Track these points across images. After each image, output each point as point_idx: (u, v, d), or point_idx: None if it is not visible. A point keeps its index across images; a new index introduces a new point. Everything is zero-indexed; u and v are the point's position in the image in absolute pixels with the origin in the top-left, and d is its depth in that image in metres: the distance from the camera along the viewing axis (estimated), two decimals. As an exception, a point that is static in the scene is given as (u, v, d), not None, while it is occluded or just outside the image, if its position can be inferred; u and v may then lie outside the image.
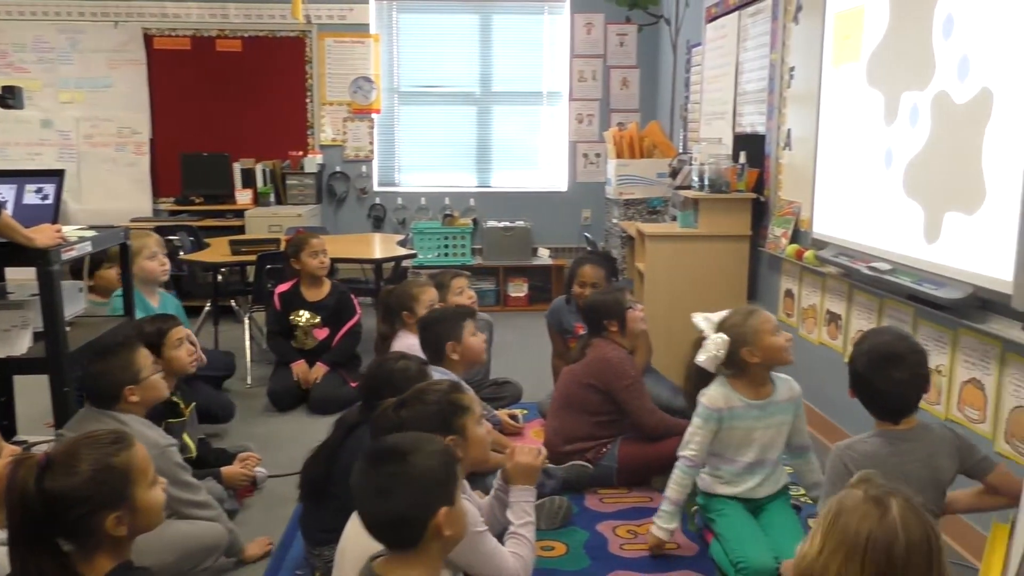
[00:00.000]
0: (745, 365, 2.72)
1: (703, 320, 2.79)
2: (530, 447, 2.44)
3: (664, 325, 4.38)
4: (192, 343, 3.19)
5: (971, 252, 2.68)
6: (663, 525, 2.81)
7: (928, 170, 2.94)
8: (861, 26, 3.41)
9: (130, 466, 1.70)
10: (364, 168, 7.42)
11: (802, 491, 3.22)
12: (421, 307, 3.68)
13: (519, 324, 6.16)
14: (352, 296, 4.70)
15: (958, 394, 2.89)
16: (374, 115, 7.37)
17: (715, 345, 2.71)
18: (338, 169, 7.38)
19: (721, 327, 2.74)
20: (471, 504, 2.26)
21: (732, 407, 2.73)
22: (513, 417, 3.97)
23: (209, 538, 2.58)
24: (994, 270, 2.55)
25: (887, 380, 2.23)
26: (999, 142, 2.53)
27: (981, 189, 2.61)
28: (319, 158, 7.19)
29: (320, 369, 4.45)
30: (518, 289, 6.99)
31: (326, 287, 4.62)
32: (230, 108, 7.17)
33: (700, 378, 2.79)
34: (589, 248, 6.36)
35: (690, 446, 2.76)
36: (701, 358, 2.74)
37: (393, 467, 1.67)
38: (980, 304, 2.66)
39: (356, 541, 2.07)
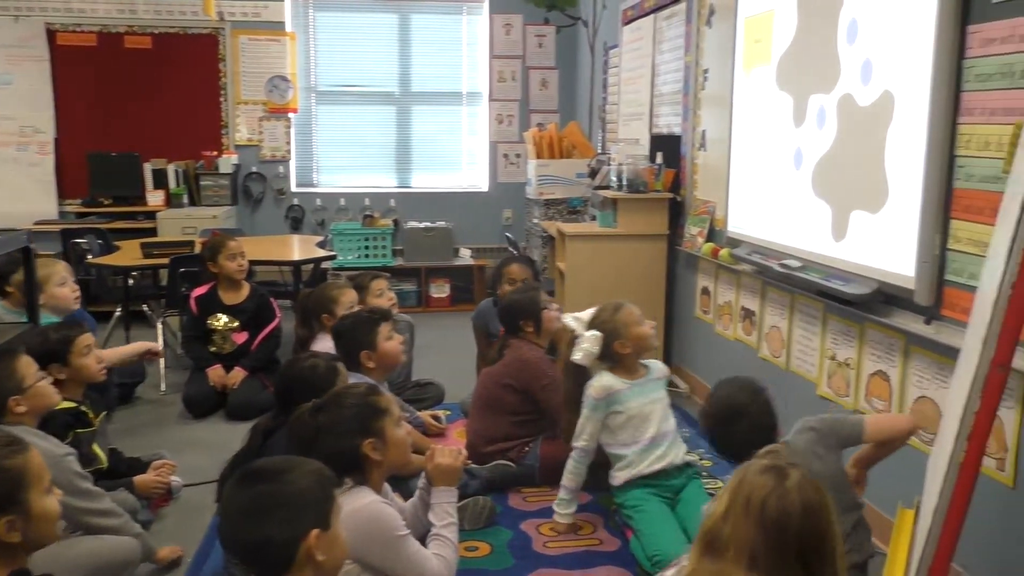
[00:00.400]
0: (619, 356, 2.95)
1: (573, 320, 3.00)
2: (450, 448, 2.44)
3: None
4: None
5: (876, 249, 2.78)
6: (562, 511, 2.99)
7: (835, 170, 3.04)
8: (771, 30, 3.51)
9: (24, 470, 1.65)
10: (281, 168, 7.29)
11: (719, 483, 3.30)
12: (341, 309, 3.64)
13: (441, 325, 6.14)
14: (272, 299, 4.61)
15: (865, 386, 3.00)
16: (291, 115, 7.24)
17: (590, 342, 2.90)
18: (254, 169, 7.23)
19: (592, 325, 2.95)
20: (392, 507, 2.25)
21: (616, 391, 2.92)
22: (436, 418, 3.95)
23: (121, 554, 2.49)
24: (897, 266, 2.65)
25: (733, 434, 2.32)
26: (900, 143, 2.64)
27: (884, 189, 2.71)
28: (234, 158, 7.03)
29: (238, 374, 4.35)
30: (440, 290, 6.97)
31: (245, 290, 4.52)
32: (140, 107, 6.93)
33: (577, 375, 2.99)
34: (511, 248, 6.38)
35: (582, 437, 2.95)
36: (577, 356, 2.92)
37: (264, 486, 1.60)
38: (885, 299, 2.77)
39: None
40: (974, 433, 1.49)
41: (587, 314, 3.00)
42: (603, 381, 2.94)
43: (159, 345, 3.58)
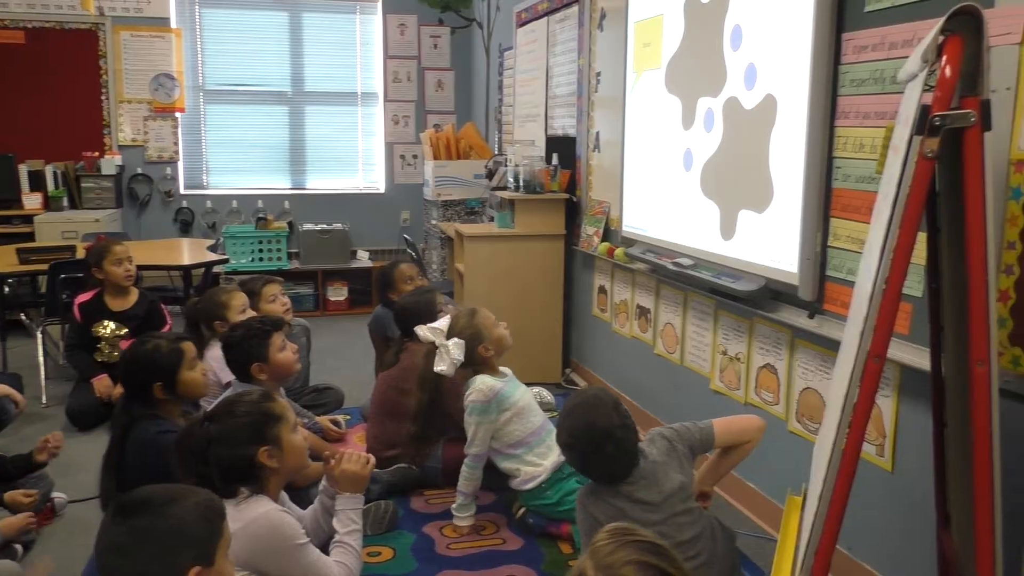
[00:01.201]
0: (482, 359, 2.98)
1: (429, 332, 2.99)
2: (359, 455, 2.41)
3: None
4: None
5: (762, 247, 2.89)
6: (462, 515, 3.02)
7: (723, 171, 3.15)
8: (660, 35, 3.60)
9: None
10: (169, 170, 7.04)
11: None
12: (233, 313, 3.54)
13: (339, 328, 6.05)
14: (162, 305, 4.45)
15: (755, 379, 3.12)
16: (178, 114, 7.00)
17: (455, 350, 2.91)
18: (140, 171, 6.95)
19: (452, 333, 2.96)
20: (291, 515, 2.21)
21: (499, 389, 2.97)
22: (335, 423, 3.89)
23: None
24: (783, 263, 2.77)
25: (601, 459, 2.24)
26: (783, 145, 2.75)
27: (769, 189, 2.82)
28: (118, 159, 6.74)
29: (125, 384, 4.17)
30: (338, 293, 6.87)
31: (133, 296, 4.35)
32: (13, 105, 6.57)
33: (432, 389, 3.02)
34: (409, 250, 6.35)
35: (474, 444, 2.98)
36: (443, 367, 2.92)
37: (140, 520, 1.50)
38: (772, 295, 2.88)
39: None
40: (854, 421, 1.57)
41: (442, 324, 3.01)
42: (485, 383, 2.96)
43: (22, 399, 3.35)
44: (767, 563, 2.69)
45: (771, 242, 2.84)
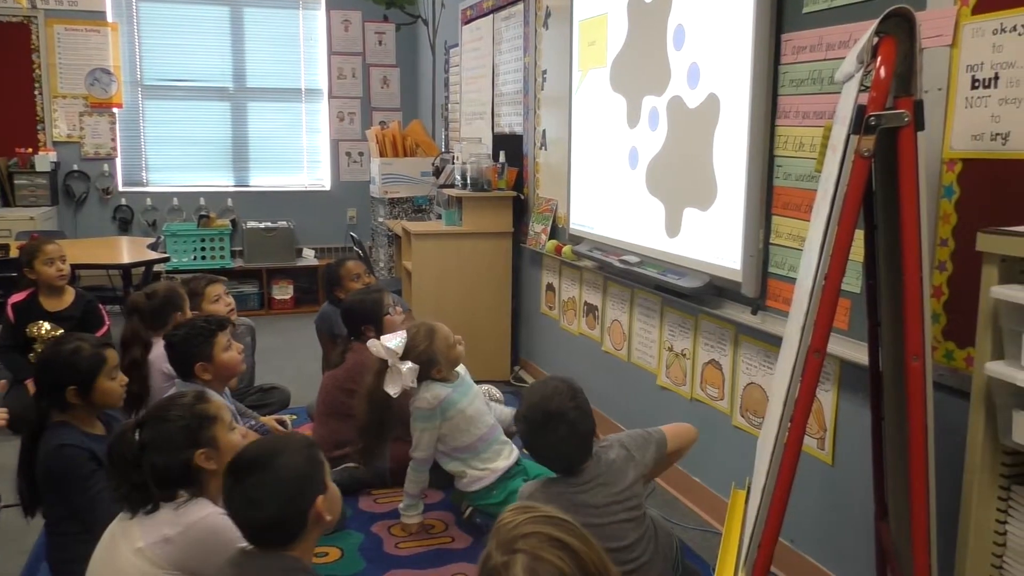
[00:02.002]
0: (436, 372, 2.91)
1: (384, 350, 2.86)
2: None
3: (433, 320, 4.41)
4: None
5: (707, 244, 2.93)
6: (410, 514, 3.01)
7: (668, 170, 3.18)
8: (604, 34, 3.62)
9: None
10: (106, 167, 6.87)
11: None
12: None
13: (285, 327, 5.97)
14: (100, 305, 4.34)
15: (700, 375, 3.16)
16: (115, 110, 6.83)
17: (407, 376, 2.83)
18: (76, 168, 6.77)
19: (407, 355, 2.86)
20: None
21: (445, 396, 2.92)
22: (282, 423, 3.83)
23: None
24: (726, 260, 2.81)
25: (551, 440, 2.22)
26: (726, 144, 2.79)
27: (713, 187, 2.86)
28: (52, 156, 6.56)
29: (62, 386, 4.05)
30: (283, 292, 6.78)
31: (69, 296, 4.23)
32: (-60, 100, 6.36)
33: (381, 404, 2.88)
34: (356, 248, 6.29)
35: (419, 448, 2.96)
36: (394, 390, 2.82)
37: (257, 476, 1.70)
38: (716, 292, 2.92)
39: (106, 567, 1.93)
40: (795, 415, 1.60)
41: (396, 343, 2.86)
42: (432, 391, 2.91)
43: None
44: (712, 556, 2.73)
45: (715, 239, 2.87)
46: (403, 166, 6.09)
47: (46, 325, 4.14)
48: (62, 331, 4.15)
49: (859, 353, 2.19)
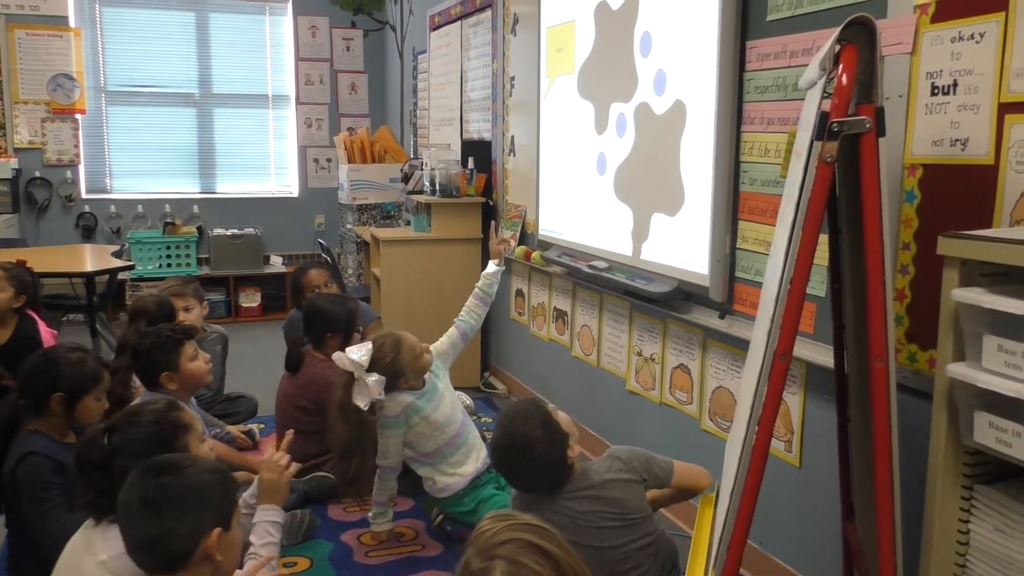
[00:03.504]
0: (403, 383, 2.88)
1: (349, 362, 2.77)
2: (276, 463, 2.30)
3: (402, 328, 4.39)
4: None
5: (675, 250, 2.95)
6: (379, 522, 2.98)
7: (635, 175, 3.20)
8: (572, 40, 3.64)
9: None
10: (69, 174, 6.76)
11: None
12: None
13: (253, 335, 5.92)
14: (39, 326, 3.67)
15: (669, 379, 3.18)
16: (78, 116, 6.74)
17: (374, 388, 2.76)
18: (38, 175, 6.66)
19: (373, 367, 2.78)
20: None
21: (410, 403, 2.88)
22: (249, 433, 3.80)
23: None
24: (694, 265, 2.83)
25: (525, 468, 2.24)
26: (693, 150, 2.81)
27: (680, 192, 2.88)
28: (13, 162, 6.44)
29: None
30: (250, 299, 6.72)
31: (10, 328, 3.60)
32: (-103, 106, 6.23)
33: (354, 416, 2.80)
34: (324, 255, 6.26)
35: (386, 456, 2.92)
36: (363, 402, 2.77)
37: (167, 478, 1.60)
38: (684, 296, 2.94)
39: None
40: (763, 418, 1.61)
41: (362, 355, 2.79)
42: (398, 399, 2.87)
43: None
44: (682, 559, 2.74)
45: (683, 245, 2.89)
46: (372, 172, 6.07)
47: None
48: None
49: (825, 356, 2.22)
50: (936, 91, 1.94)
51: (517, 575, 1.25)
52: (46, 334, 3.60)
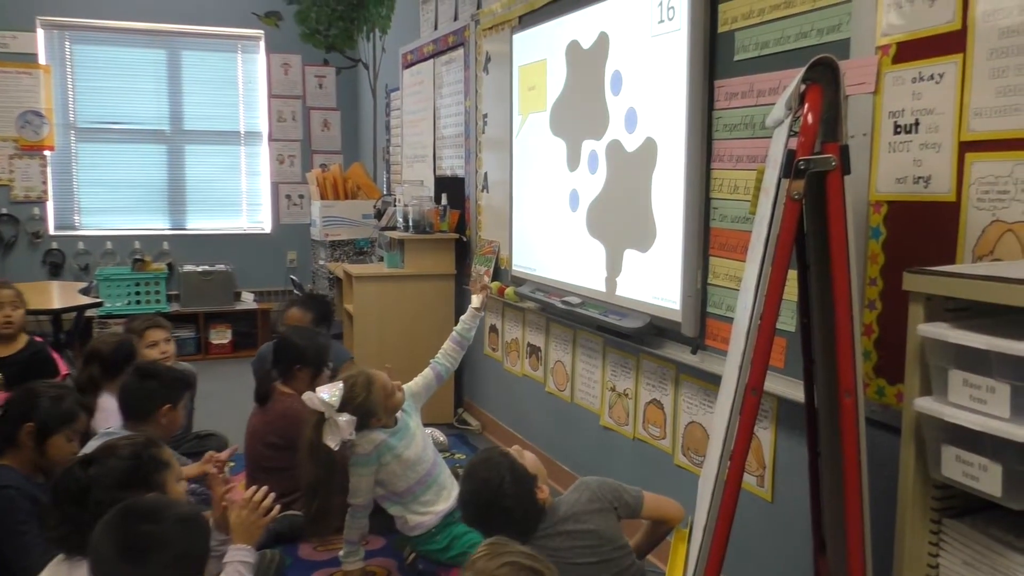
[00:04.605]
0: (375, 422, 2.85)
1: (320, 402, 2.73)
2: (256, 501, 2.25)
3: (375, 365, 4.37)
4: None
5: (647, 285, 2.97)
6: (350, 560, 2.95)
7: (608, 212, 3.23)
8: (544, 79, 3.69)
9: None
10: (37, 210, 6.70)
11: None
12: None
13: (223, 372, 5.85)
14: (54, 353, 4.10)
15: (643, 414, 3.18)
16: (47, 152, 6.69)
17: (345, 428, 2.72)
18: (4, 211, 6.59)
19: (344, 408, 2.74)
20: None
21: (382, 441, 2.87)
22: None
23: None
24: (666, 301, 2.85)
25: (495, 518, 2.24)
26: (664, 187, 2.84)
27: (652, 229, 2.91)
28: (-20, 199, 6.39)
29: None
30: (221, 336, 6.65)
31: (21, 342, 3.95)
32: None
33: (325, 456, 2.75)
34: (296, 291, 6.22)
35: (357, 495, 2.89)
36: (334, 442, 2.72)
37: (148, 527, 1.59)
38: (657, 332, 2.95)
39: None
40: (735, 453, 1.62)
41: (333, 395, 2.75)
42: (370, 436, 2.85)
43: None
44: (658, 596, 2.73)
45: (655, 280, 2.91)
46: (344, 208, 6.07)
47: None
48: (2, 377, 3.95)
49: (796, 391, 2.23)
50: (899, 130, 1.98)
51: None
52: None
